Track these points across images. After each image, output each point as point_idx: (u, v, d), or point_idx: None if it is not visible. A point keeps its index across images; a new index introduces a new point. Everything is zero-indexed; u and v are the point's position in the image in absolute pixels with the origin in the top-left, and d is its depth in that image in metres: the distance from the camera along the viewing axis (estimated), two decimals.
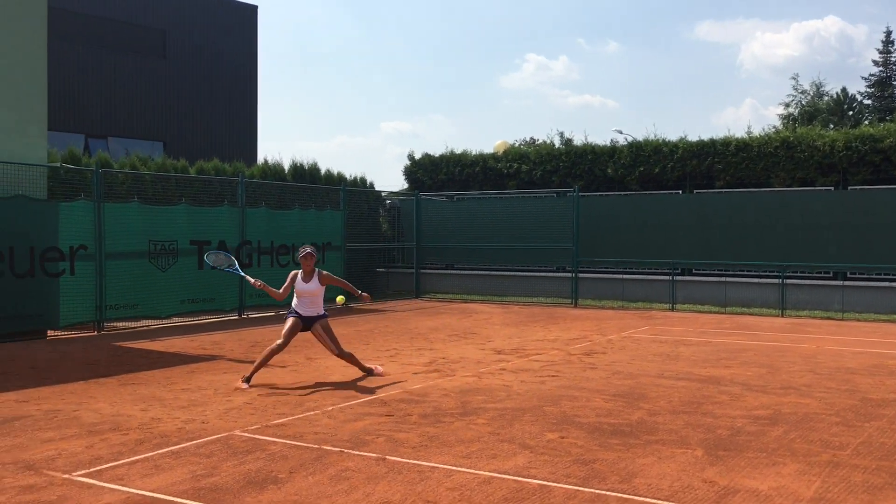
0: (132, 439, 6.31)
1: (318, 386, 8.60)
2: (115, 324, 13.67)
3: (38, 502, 4.84)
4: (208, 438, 6.34)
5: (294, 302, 8.98)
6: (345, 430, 6.63)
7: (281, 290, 9.14)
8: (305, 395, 8.11)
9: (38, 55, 12.56)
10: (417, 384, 8.72)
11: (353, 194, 20.18)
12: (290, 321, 8.86)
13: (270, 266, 16.49)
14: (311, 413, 7.27)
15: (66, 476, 5.36)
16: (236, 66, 29.71)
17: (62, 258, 12.53)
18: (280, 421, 6.96)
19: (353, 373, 9.39)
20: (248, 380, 8.54)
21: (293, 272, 9.09)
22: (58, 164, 14.15)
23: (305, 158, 31.10)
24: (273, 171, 20.01)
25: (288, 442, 6.25)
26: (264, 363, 8.73)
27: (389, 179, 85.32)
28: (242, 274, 9.91)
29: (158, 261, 14.13)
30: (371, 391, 8.29)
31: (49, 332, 12.56)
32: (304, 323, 8.91)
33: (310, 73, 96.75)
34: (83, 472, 5.46)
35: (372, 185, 22.38)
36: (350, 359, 9.09)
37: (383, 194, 22.83)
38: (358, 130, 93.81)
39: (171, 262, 14.34)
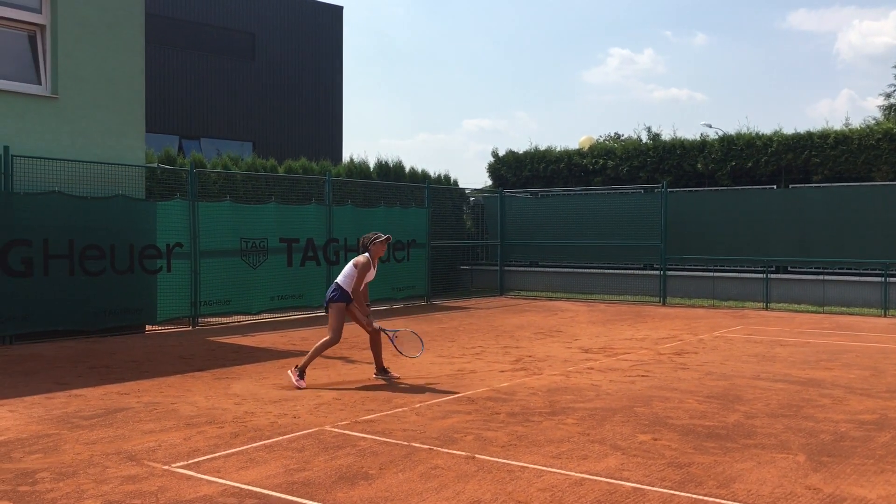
0: (227, 432, 6.46)
1: (404, 383, 8.63)
2: (208, 319, 14.08)
3: (139, 493, 5.00)
4: (300, 433, 6.43)
5: (350, 287, 8.60)
6: (433, 428, 6.62)
7: (361, 288, 8.73)
8: (393, 391, 8.16)
9: (137, 60, 13.03)
10: (504, 382, 8.66)
11: (437, 192, 20.24)
12: (339, 310, 8.57)
13: None
14: (400, 410, 7.30)
15: (165, 467, 5.52)
16: (322, 66, 30.24)
17: (159, 255, 12.98)
18: (369, 417, 7.01)
19: (438, 371, 9.40)
20: (302, 373, 8.33)
21: (364, 261, 8.66)
22: (155, 165, 14.66)
23: (390, 156, 31.45)
24: (358, 170, 20.26)
25: (377, 438, 6.29)
26: (316, 356, 8.58)
27: (471, 176, 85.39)
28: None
29: (249, 258, 14.48)
30: (458, 389, 8.28)
31: (147, 327, 13.03)
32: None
33: (392, 71, 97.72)
34: (182, 463, 5.62)
35: (456, 183, 22.42)
36: (377, 342, 8.78)
37: (467, 191, 22.83)
38: (440, 128, 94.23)
39: (261, 260, 14.67)
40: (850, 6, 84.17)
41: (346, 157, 25.18)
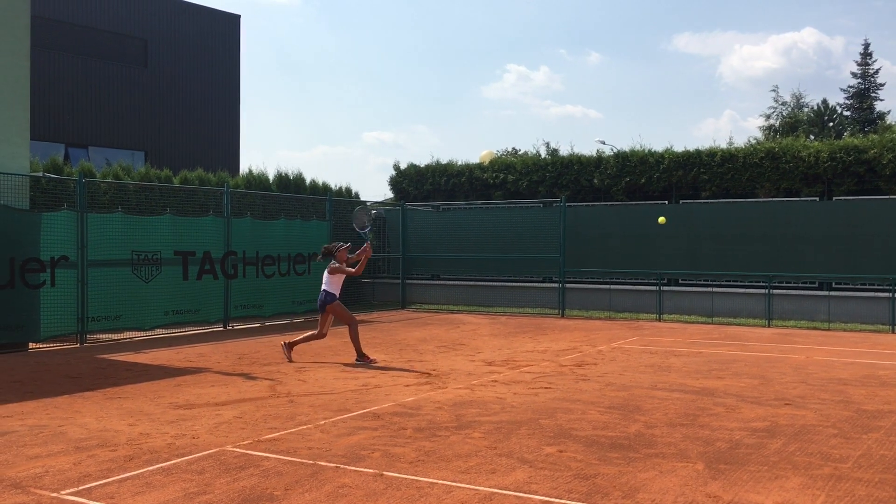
0: (121, 455, 6.14)
1: (308, 399, 8.45)
2: (97, 336, 13.44)
3: None
4: (199, 454, 6.19)
5: (336, 289, 11.23)
6: (339, 445, 6.50)
7: (333, 288, 11.21)
8: (296, 408, 7.97)
9: (21, 64, 12.36)
10: (410, 397, 8.60)
11: (339, 204, 20.04)
12: (339, 305, 11.21)
13: (256, 276, 16.32)
14: (304, 427, 7.13)
15: (53, 495, 5.19)
16: (218, 75, 29.53)
17: (42, 269, 12.30)
18: (272, 435, 6.81)
19: (342, 386, 9.26)
20: (362, 355, 11.00)
21: (336, 266, 11.22)
22: (40, 174, 13.92)
23: (290, 168, 30.95)
24: (258, 181, 19.85)
25: (281, 457, 6.12)
26: (358, 340, 11.06)
27: (371, 189, 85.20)
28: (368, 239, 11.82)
29: (142, 271, 13.92)
30: (363, 404, 8.16)
31: (31, 345, 12.32)
32: (322, 308, 11.26)
33: (291, 82, 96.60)
34: (72, 490, 5.30)
35: (357, 196, 22.29)
36: (318, 338, 11.46)
37: (369, 204, 22.68)
38: (339, 140, 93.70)
39: (154, 273, 14.13)
40: (731, 30, 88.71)
41: (244, 169, 24.70)
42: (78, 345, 12.82)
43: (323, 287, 11.20)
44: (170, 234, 14.40)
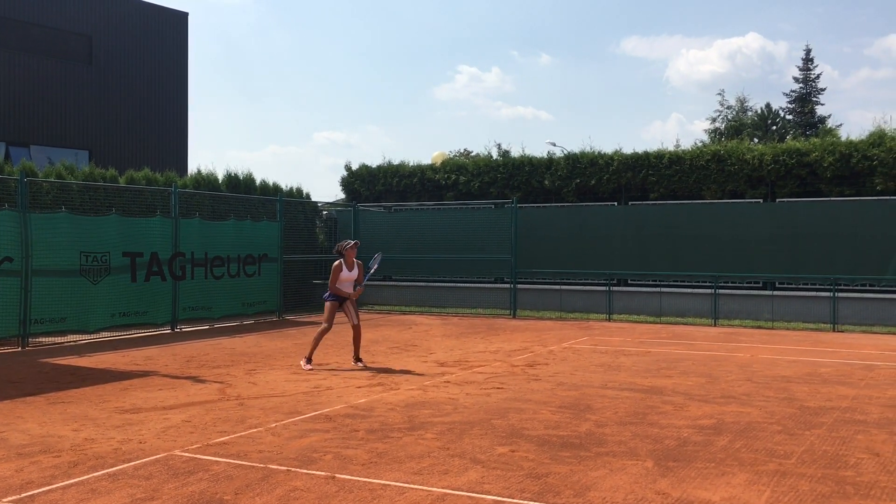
0: (65, 462, 5.99)
1: (259, 402, 8.36)
2: (40, 339, 13.10)
3: None
4: (147, 459, 6.07)
5: (334, 286, 10.72)
6: (291, 448, 6.43)
7: (337, 285, 10.74)
8: (247, 411, 7.87)
9: None
10: (362, 398, 8.56)
11: (290, 205, 19.86)
12: (330, 305, 10.73)
13: (205, 278, 16.08)
14: (254, 430, 7.04)
15: None
16: (166, 73, 29.01)
17: None
18: (222, 439, 6.72)
19: (293, 388, 9.18)
20: (309, 360, 10.55)
21: (336, 264, 10.77)
22: None
23: (240, 168, 30.58)
24: (206, 181, 19.55)
25: (231, 461, 6.03)
26: (317, 345, 10.69)
27: (322, 190, 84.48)
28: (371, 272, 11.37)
29: (89, 273, 13.61)
30: (314, 406, 8.10)
31: None
32: (340, 303, 10.79)
33: (240, 81, 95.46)
34: (13, 497, 5.15)
35: (308, 196, 22.09)
36: (358, 336, 10.87)
37: (320, 205, 22.56)
38: (290, 140, 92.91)
39: (101, 275, 13.82)
40: (677, 35, 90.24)
41: (192, 169, 24.27)
42: (19, 348, 12.48)
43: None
44: (117, 235, 14.12)
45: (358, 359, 10.94)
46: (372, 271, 11.33)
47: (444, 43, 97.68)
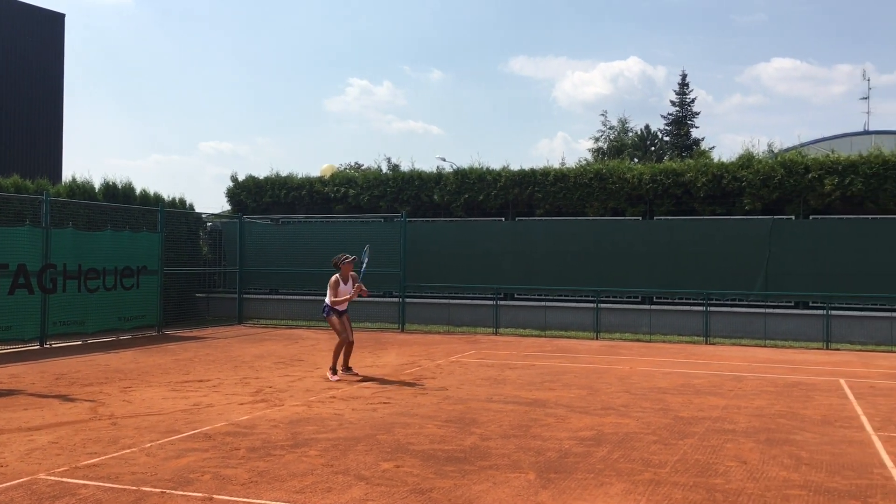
0: None
1: (134, 421, 8.00)
2: None
3: None
4: (8, 484, 5.70)
5: (332, 301, 10.99)
6: (166, 468, 6.18)
7: (336, 297, 11.04)
8: (119, 431, 7.52)
9: None
10: (244, 415, 8.33)
11: (172, 216, 19.22)
12: (336, 317, 11.05)
13: (78, 291, 15.32)
14: (128, 451, 6.73)
15: None
16: (39, 76, 27.62)
17: None
18: (92, 461, 6.38)
19: (171, 406, 8.84)
20: (335, 370, 10.92)
21: (334, 279, 11.09)
22: None
23: (119, 177, 29.38)
24: (82, 190, 18.69)
25: (101, 484, 5.74)
26: (338, 355, 11.00)
27: (208, 201, 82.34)
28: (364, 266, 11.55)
29: None
30: (193, 424, 7.82)
31: None
32: (338, 316, 11.06)
33: (121, 87, 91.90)
34: None
35: (192, 207, 21.45)
36: (350, 349, 11.19)
37: (204, 216, 21.95)
38: (174, 149, 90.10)
39: None
40: (562, 56, 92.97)
41: (66, 177, 23.12)
42: None
43: (325, 300, 11.36)
44: None
45: (347, 368, 11.27)
46: (365, 264, 11.58)
47: (336, 55, 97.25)
